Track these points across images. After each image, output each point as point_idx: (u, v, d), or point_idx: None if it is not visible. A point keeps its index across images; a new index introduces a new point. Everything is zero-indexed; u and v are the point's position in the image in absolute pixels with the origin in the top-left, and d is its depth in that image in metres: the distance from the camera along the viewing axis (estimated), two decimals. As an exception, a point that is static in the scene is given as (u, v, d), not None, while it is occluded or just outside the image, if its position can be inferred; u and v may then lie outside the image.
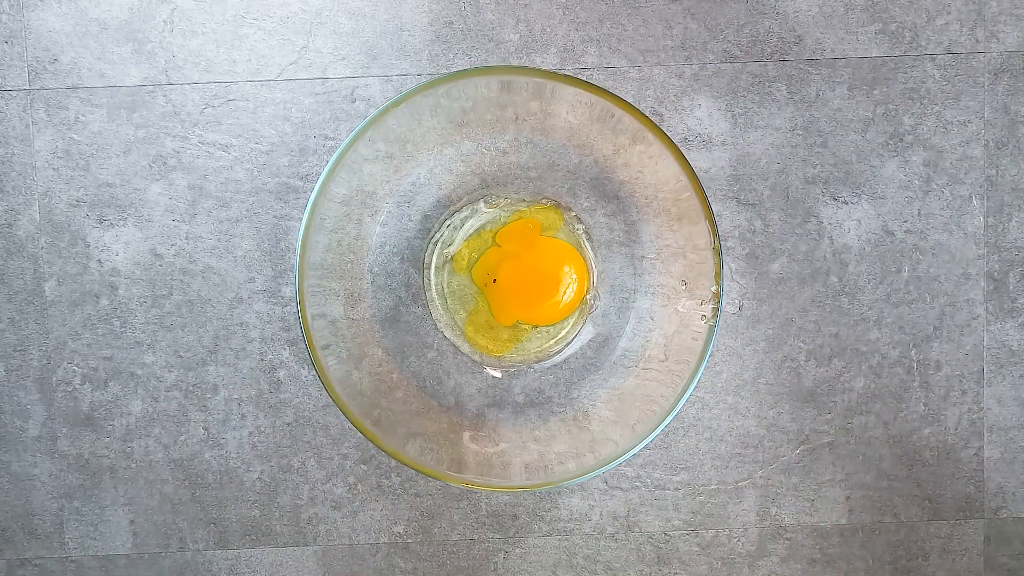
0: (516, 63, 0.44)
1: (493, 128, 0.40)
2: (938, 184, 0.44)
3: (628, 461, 0.45)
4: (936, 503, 0.46)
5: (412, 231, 0.43)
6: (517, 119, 0.39)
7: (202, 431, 0.45)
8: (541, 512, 0.45)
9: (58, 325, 0.44)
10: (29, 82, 0.44)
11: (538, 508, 0.45)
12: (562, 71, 0.43)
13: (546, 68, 0.44)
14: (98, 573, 0.45)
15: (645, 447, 0.44)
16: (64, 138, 0.44)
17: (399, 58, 0.44)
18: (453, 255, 0.43)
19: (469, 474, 0.37)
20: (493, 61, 0.44)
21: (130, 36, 0.44)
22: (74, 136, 0.44)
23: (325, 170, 0.35)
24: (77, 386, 0.45)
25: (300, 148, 0.44)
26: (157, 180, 0.44)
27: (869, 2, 0.44)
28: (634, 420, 0.38)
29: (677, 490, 0.45)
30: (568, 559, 0.46)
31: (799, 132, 0.44)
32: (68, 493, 0.45)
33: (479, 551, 0.45)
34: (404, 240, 0.43)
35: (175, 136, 0.44)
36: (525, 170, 0.42)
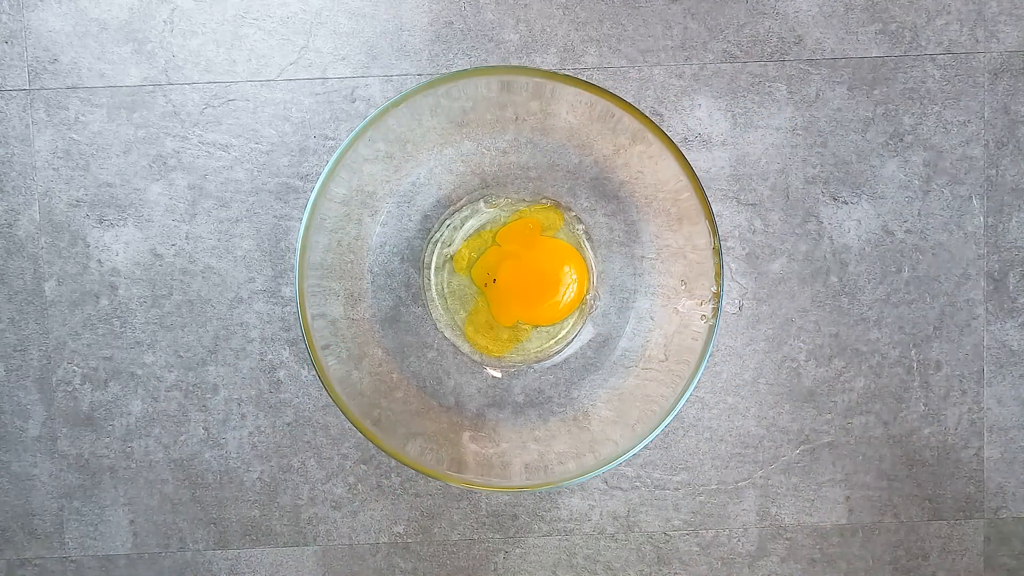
0: (516, 63, 0.44)
1: (493, 128, 0.40)
2: (938, 184, 0.44)
3: (628, 461, 0.45)
4: (936, 503, 0.46)
5: (412, 231, 0.43)
6: (517, 119, 0.39)
7: (202, 431, 0.45)
8: (541, 512, 0.45)
9: (58, 325, 0.44)
10: (29, 82, 0.44)
11: (538, 508, 0.45)
12: (562, 71, 0.43)
13: (546, 68, 0.44)
14: (98, 573, 0.45)
15: (645, 447, 0.44)
16: (64, 138, 0.44)
17: (399, 58, 0.44)
18: (453, 255, 0.43)
19: (469, 474, 0.37)
20: (493, 61, 0.44)
21: (130, 36, 0.43)
22: (74, 136, 0.44)
23: (325, 170, 0.35)
24: (77, 386, 0.45)
25: (300, 148, 0.44)
26: (157, 180, 0.44)
27: (869, 2, 0.44)
28: (634, 420, 0.38)
29: (677, 490, 0.45)
30: (568, 559, 0.46)
31: (799, 132, 0.44)
32: (68, 493, 0.45)
33: (479, 551, 0.45)
34: (404, 240, 0.43)
35: (175, 136, 0.44)
36: (525, 170, 0.42)
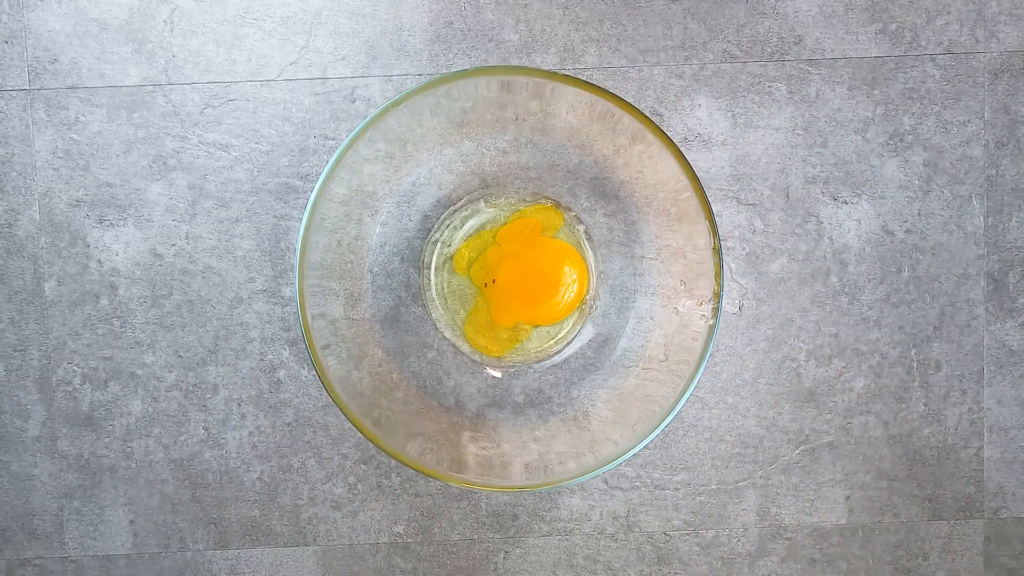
0: (516, 63, 0.44)
1: (493, 128, 0.40)
2: (938, 184, 0.44)
3: (628, 461, 0.45)
4: (936, 503, 0.46)
5: (412, 231, 0.43)
6: (517, 119, 0.39)
7: (202, 431, 0.45)
8: (541, 512, 0.45)
9: (58, 325, 0.44)
10: (29, 82, 0.44)
11: (538, 508, 0.45)
12: (562, 71, 0.43)
13: (546, 68, 0.44)
14: (98, 573, 0.45)
15: (645, 447, 0.44)
16: (64, 138, 0.44)
17: (399, 58, 0.44)
18: (453, 255, 0.43)
19: (469, 474, 0.37)
20: (493, 61, 0.44)
21: (130, 36, 0.43)
22: (74, 136, 0.44)
23: (325, 170, 0.35)
24: (77, 386, 0.45)
25: (300, 148, 0.44)
26: (157, 180, 0.44)
27: (869, 2, 0.44)
28: (634, 420, 0.38)
29: (677, 490, 0.45)
30: (568, 559, 0.46)
31: (799, 132, 0.44)
32: (68, 493, 0.45)
33: (479, 551, 0.45)
34: (404, 240, 0.43)
35: (175, 136, 0.44)
36: (525, 170, 0.42)
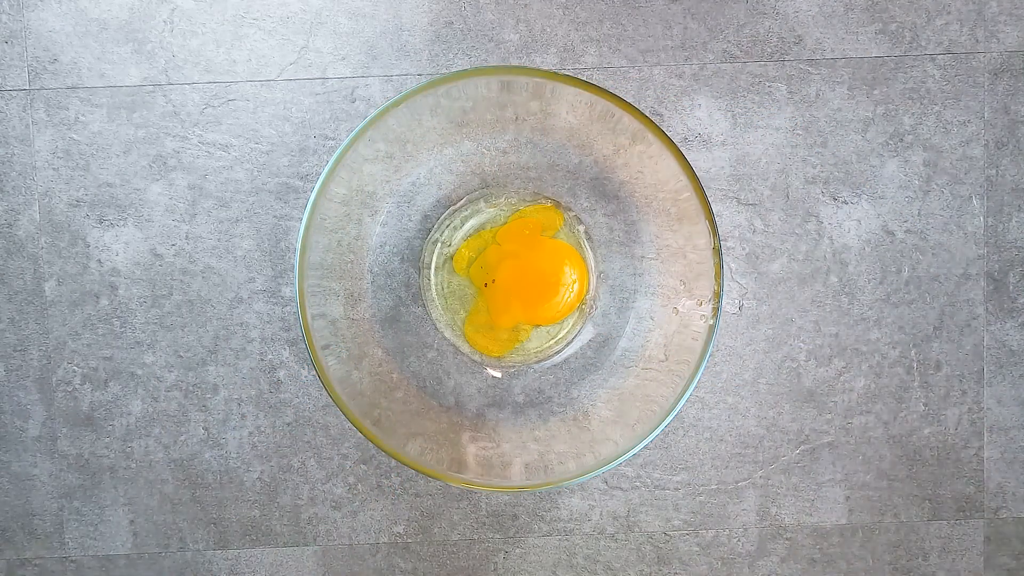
0: (516, 63, 0.44)
1: (493, 128, 0.40)
2: (938, 184, 0.44)
3: (628, 461, 0.45)
4: (936, 503, 0.46)
5: (412, 231, 0.43)
6: (517, 119, 0.39)
7: (202, 431, 0.45)
8: (541, 512, 0.45)
9: (58, 325, 0.44)
10: (29, 82, 0.44)
11: (538, 508, 0.45)
12: (562, 71, 0.43)
13: (546, 68, 0.44)
14: (98, 573, 0.45)
15: (645, 447, 0.44)
16: (64, 138, 0.44)
17: (399, 58, 0.44)
18: (453, 255, 0.43)
19: (469, 474, 0.37)
20: (493, 61, 0.44)
21: (130, 36, 0.43)
22: (74, 136, 0.44)
23: (325, 170, 0.35)
24: (77, 386, 0.45)
25: (300, 148, 0.44)
26: (157, 180, 0.44)
27: (869, 2, 0.44)
28: (634, 420, 0.38)
29: (677, 490, 0.45)
30: (568, 559, 0.46)
31: (799, 132, 0.44)
32: (68, 493, 0.45)
33: (479, 551, 0.45)
34: (404, 240, 0.43)
35: (175, 136, 0.44)
36: (525, 170, 0.42)
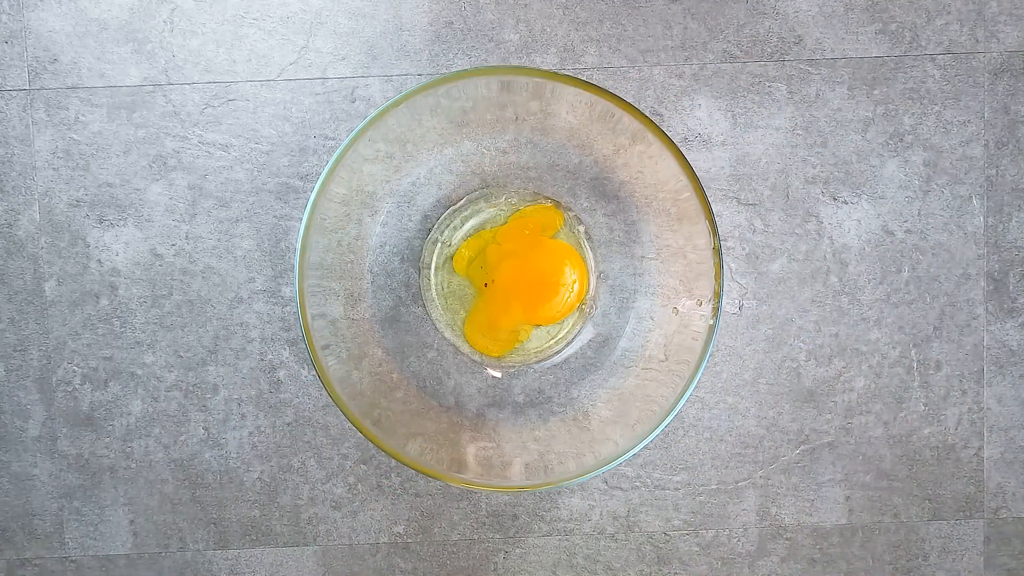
0: (516, 63, 0.44)
1: (493, 128, 0.40)
2: (938, 184, 0.44)
3: (628, 461, 0.45)
4: (936, 503, 0.46)
5: (412, 231, 0.43)
6: (517, 119, 0.39)
7: (202, 431, 0.45)
8: (541, 512, 0.45)
9: (58, 325, 0.44)
10: (29, 82, 0.44)
11: (538, 508, 0.45)
12: (562, 71, 0.43)
13: (546, 68, 0.44)
14: (98, 573, 0.45)
15: (645, 447, 0.44)
16: (64, 138, 0.44)
17: (399, 58, 0.44)
18: (453, 255, 0.43)
19: (469, 474, 0.37)
20: (493, 61, 0.44)
21: (130, 36, 0.43)
22: (74, 136, 0.44)
23: (325, 170, 0.35)
24: (77, 386, 0.45)
25: (300, 148, 0.44)
26: (157, 180, 0.44)
27: (869, 2, 0.44)
28: (634, 420, 0.38)
29: (677, 490, 0.45)
30: (568, 559, 0.46)
31: (799, 132, 0.44)
32: (68, 493, 0.45)
33: (479, 551, 0.45)
34: (404, 240, 0.43)
35: (175, 136, 0.44)
36: (525, 170, 0.42)
